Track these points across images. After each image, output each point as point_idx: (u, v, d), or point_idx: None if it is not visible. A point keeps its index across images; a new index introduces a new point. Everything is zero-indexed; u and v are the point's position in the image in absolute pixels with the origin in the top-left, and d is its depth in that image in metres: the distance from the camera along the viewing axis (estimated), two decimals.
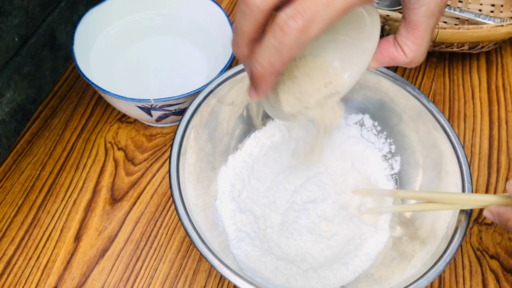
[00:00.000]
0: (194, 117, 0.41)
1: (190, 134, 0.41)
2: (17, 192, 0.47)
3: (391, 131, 0.47)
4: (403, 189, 0.45)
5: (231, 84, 0.44)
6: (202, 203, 0.41)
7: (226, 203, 0.44)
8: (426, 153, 0.44)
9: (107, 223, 0.46)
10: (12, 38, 0.47)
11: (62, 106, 0.53)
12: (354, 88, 0.47)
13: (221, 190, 0.44)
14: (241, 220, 0.43)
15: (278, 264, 0.40)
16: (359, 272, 0.41)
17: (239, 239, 0.42)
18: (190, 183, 0.40)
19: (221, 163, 0.46)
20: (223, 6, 0.63)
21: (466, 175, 0.39)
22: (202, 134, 0.43)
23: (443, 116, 0.42)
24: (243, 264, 0.40)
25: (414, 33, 0.32)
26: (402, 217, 0.43)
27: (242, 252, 0.41)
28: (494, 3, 0.63)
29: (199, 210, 0.40)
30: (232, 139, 0.47)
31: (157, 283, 0.43)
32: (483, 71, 0.58)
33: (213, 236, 0.39)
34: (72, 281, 0.42)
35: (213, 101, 0.43)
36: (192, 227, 0.36)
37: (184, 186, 0.38)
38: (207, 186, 0.43)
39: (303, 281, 0.40)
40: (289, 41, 0.26)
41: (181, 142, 0.40)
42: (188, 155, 0.41)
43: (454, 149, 0.41)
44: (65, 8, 0.55)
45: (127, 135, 0.52)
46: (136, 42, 0.55)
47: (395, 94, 0.45)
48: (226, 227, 0.42)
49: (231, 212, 0.43)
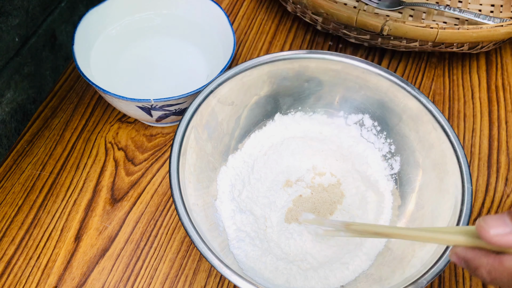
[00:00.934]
0: (194, 117, 0.41)
1: (190, 134, 0.41)
2: (18, 192, 0.47)
3: (391, 131, 0.47)
4: (402, 189, 0.45)
5: (231, 84, 0.44)
6: (202, 203, 0.41)
7: (226, 203, 0.44)
8: (426, 153, 0.44)
9: (107, 223, 0.46)
10: (12, 38, 0.47)
11: (63, 106, 0.54)
12: (354, 88, 0.47)
13: (221, 190, 0.44)
14: (241, 220, 0.43)
15: (278, 264, 0.40)
16: (359, 272, 0.41)
17: (239, 239, 0.42)
18: (190, 183, 0.40)
19: (221, 163, 0.46)
20: (223, 6, 0.63)
21: (465, 175, 0.39)
22: (202, 134, 0.43)
23: (443, 116, 0.42)
24: (243, 264, 0.40)
25: None
26: (402, 217, 0.44)
27: (242, 252, 0.41)
28: (494, 3, 0.63)
29: (199, 210, 0.40)
30: (232, 139, 0.47)
31: (157, 283, 0.43)
32: (483, 71, 0.58)
33: (213, 236, 0.39)
34: (72, 281, 0.43)
35: (213, 101, 0.43)
36: (192, 227, 0.36)
37: (184, 186, 0.38)
38: (207, 186, 0.43)
39: (303, 280, 0.40)
40: None
41: (181, 142, 0.40)
42: (188, 155, 0.41)
43: (454, 149, 0.41)
44: (66, 8, 0.55)
45: (127, 135, 0.52)
46: (136, 42, 0.55)
47: (395, 94, 0.45)
48: (226, 227, 0.42)
49: (231, 212, 0.43)
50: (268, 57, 0.45)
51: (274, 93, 0.47)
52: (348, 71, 0.46)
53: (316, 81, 0.47)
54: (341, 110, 0.49)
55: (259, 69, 0.45)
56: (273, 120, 0.49)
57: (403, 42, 0.53)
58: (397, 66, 0.58)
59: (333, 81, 0.47)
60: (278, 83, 0.47)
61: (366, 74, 0.45)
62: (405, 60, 0.59)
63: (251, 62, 0.44)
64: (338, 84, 0.47)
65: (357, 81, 0.46)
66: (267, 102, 0.48)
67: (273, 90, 0.47)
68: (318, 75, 0.47)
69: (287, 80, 0.47)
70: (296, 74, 0.47)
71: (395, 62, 0.59)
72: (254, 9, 0.64)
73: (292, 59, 0.45)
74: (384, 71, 0.45)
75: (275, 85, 0.47)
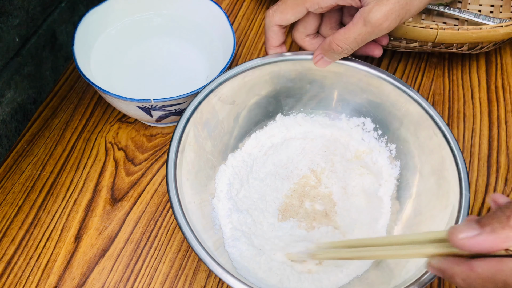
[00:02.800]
0: (194, 115, 0.41)
1: (190, 132, 0.41)
2: (18, 192, 0.47)
3: (392, 135, 0.47)
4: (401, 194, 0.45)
5: (233, 84, 0.44)
6: (199, 201, 0.41)
7: (223, 201, 0.44)
8: (425, 159, 0.43)
9: (108, 223, 0.46)
10: (12, 38, 0.47)
11: (63, 106, 0.54)
12: (356, 91, 0.47)
13: (219, 189, 0.44)
14: (237, 219, 0.43)
15: (272, 265, 0.40)
16: (353, 276, 0.41)
17: (235, 237, 0.42)
18: (188, 180, 0.40)
19: (220, 161, 0.46)
20: (223, 6, 0.63)
21: (464, 183, 0.39)
22: (202, 132, 0.43)
23: (444, 121, 0.42)
24: (237, 263, 0.40)
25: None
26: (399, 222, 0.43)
27: (237, 251, 0.41)
28: (494, 3, 0.63)
29: (196, 208, 0.40)
30: (232, 138, 0.47)
31: (157, 282, 0.43)
32: (483, 72, 0.58)
33: (209, 234, 0.39)
34: (73, 281, 0.43)
35: (214, 99, 0.43)
36: (186, 224, 0.36)
37: (180, 183, 0.38)
38: (205, 184, 0.43)
39: (296, 282, 0.40)
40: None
41: (179, 139, 0.40)
42: (186, 152, 0.41)
43: (453, 156, 0.40)
44: (66, 8, 0.55)
45: (127, 135, 0.52)
46: (136, 42, 0.55)
47: (397, 98, 0.45)
48: (222, 226, 0.42)
49: (228, 210, 0.43)
50: (270, 58, 0.45)
51: (276, 94, 0.47)
52: (351, 74, 0.46)
53: (318, 83, 0.47)
54: (342, 112, 0.49)
55: (261, 69, 0.45)
56: (274, 121, 0.48)
57: (402, 42, 0.53)
58: (397, 67, 0.58)
59: (335, 84, 0.47)
60: (280, 84, 0.47)
61: (369, 77, 0.45)
62: (405, 60, 0.59)
63: (254, 62, 0.44)
64: (340, 86, 0.47)
65: (359, 84, 0.46)
66: (269, 103, 0.48)
67: (275, 90, 0.47)
68: (320, 77, 0.47)
69: (289, 81, 0.47)
70: (299, 76, 0.47)
71: (395, 62, 0.59)
72: (254, 9, 0.64)
73: (295, 61, 0.45)
74: (387, 74, 0.45)
75: (277, 86, 0.47)
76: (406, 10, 0.40)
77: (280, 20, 0.44)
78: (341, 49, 0.42)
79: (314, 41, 0.46)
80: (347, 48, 0.42)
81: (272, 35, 0.45)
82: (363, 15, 0.39)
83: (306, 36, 0.46)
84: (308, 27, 0.45)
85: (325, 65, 0.45)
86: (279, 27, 0.44)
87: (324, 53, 0.44)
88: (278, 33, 0.45)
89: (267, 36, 0.45)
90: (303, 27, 0.46)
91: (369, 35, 0.40)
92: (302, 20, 0.45)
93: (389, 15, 0.39)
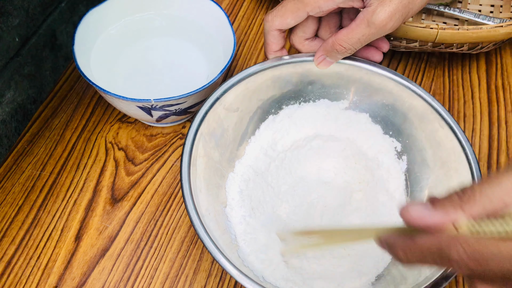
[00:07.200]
0: (202, 126, 0.41)
1: (199, 143, 0.41)
2: (18, 192, 0.47)
3: (397, 130, 0.47)
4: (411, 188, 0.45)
5: (237, 91, 0.44)
6: (213, 211, 0.41)
7: (236, 209, 0.43)
8: (433, 152, 0.44)
9: (108, 223, 0.46)
10: (12, 38, 0.47)
11: (63, 106, 0.54)
12: (358, 89, 0.47)
13: (231, 197, 0.44)
14: (251, 226, 0.42)
15: (288, 275, 0.40)
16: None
17: (250, 245, 0.41)
18: (201, 192, 0.40)
19: (228, 169, 0.45)
20: (223, 6, 0.63)
21: (475, 172, 0.39)
22: (210, 142, 0.43)
23: (449, 113, 0.42)
24: (257, 272, 0.40)
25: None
26: None
27: (255, 259, 0.40)
28: (494, 3, 0.63)
29: (211, 218, 0.39)
30: (238, 145, 0.46)
31: (158, 282, 0.43)
32: (483, 72, 0.58)
33: (226, 244, 0.39)
34: (73, 280, 0.43)
35: (219, 108, 0.43)
36: (208, 237, 0.35)
37: (196, 195, 0.38)
38: (216, 194, 0.43)
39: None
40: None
41: (190, 151, 0.40)
42: (197, 164, 0.40)
43: (462, 147, 0.41)
44: (66, 8, 0.55)
45: (127, 135, 0.52)
46: (136, 42, 0.55)
47: (399, 94, 0.45)
48: (237, 234, 0.42)
49: (241, 218, 0.43)
50: (271, 63, 0.45)
51: (278, 97, 0.47)
52: (352, 72, 0.46)
53: (319, 83, 0.47)
54: (345, 111, 0.49)
55: (263, 74, 0.45)
56: (278, 124, 0.48)
57: (403, 42, 0.53)
58: (397, 66, 0.59)
59: (337, 83, 0.47)
60: (282, 87, 0.47)
61: (370, 75, 0.45)
62: (405, 60, 0.59)
63: (255, 67, 0.44)
64: (341, 86, 0.47)
65: (361, 82, 0.46)
66: (271, 107, 0.48)
67: (277, 94, 0.47)
68: (321, 77, 0.47)
69: (290, 84, 0.47)
70: (300, 78, 0.47)
71: (395, 62, 0.59)
72: (254, 9, 0.64)
73: (295, 63, 0.45)
74: (388, 71, 0.45)
75: (279, 89, 0.47)
76: (408, 9, 0.40)
77: (280, 25, 0.43)
78: (345, 49, 0.42)
79: (313, 44, 0.46)
80: (350, 48, 0.42)
81: (272, 39, 0.45)
82: (367, 16, 0.39)
83: (304, 40, 0.46)
84: (307, 30, 0.45)
85: (328, 66, 0.45)
86: (279, 31, 0.44)
87: (326, 54, 0.44)
88: (278, 38, 0.45)
89: (267, 41, 0.45)
90: (301, 31, 0.45)
91: (372, 35, 0.41)
92: (301, 24, 0.45)
93: (393, 16, 0.39)
